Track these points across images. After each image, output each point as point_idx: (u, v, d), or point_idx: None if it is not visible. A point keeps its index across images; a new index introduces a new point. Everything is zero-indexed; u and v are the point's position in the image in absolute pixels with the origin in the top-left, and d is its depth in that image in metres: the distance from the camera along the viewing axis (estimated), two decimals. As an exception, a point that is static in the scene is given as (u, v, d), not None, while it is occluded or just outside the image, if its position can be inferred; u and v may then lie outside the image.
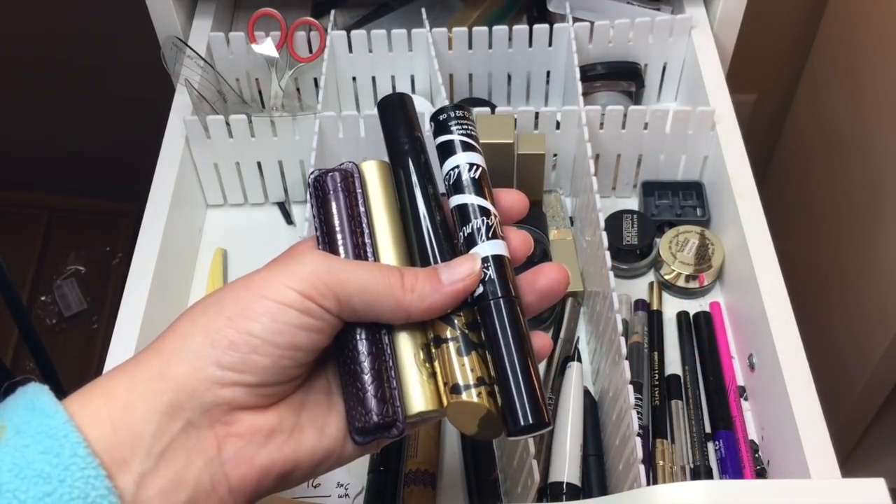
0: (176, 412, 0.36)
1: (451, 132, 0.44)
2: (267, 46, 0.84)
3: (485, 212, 0.42)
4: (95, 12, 1.30)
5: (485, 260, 0.41)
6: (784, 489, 0.54)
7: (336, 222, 0.41)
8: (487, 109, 0.78)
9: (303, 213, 0.75)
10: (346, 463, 0.41)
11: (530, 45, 0.86)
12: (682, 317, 0.76)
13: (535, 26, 0.85)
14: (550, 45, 0.86)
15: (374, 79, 0.89)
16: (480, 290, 0.40)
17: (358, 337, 0.40)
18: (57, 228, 1.59)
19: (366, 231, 0.42)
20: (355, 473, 0.68)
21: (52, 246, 1.57)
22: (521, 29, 0.85)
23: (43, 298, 1.50)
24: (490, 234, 0.42)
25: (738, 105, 0.81)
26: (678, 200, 0.82)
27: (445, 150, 0.44)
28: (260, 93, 0.89)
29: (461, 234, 0.42)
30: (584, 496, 0.64)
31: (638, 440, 0.57)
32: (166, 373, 0.37)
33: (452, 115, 0.44)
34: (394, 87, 0.90)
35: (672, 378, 0.72)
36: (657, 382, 0.71)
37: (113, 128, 1.46)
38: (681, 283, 0.77)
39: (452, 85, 0.89)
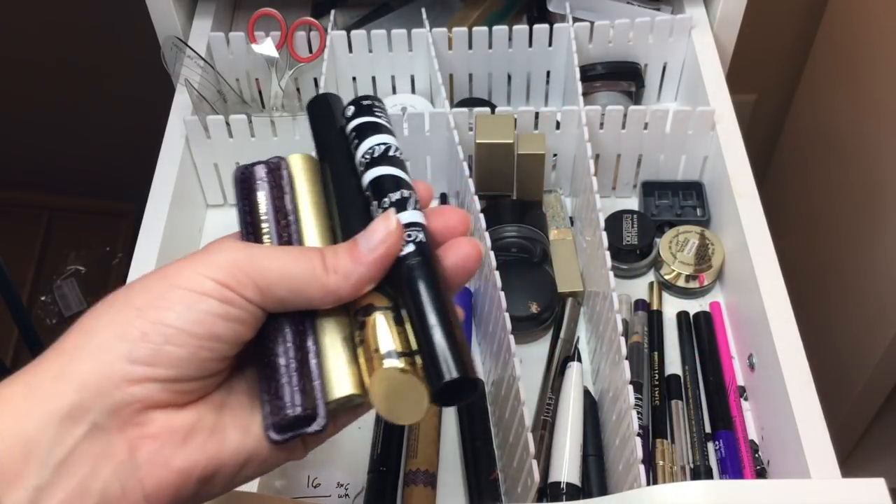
0: (79, 415, 0.32)
1: (377, 116, 0.44)
2: (267, 46, 0.84)
3: (406, 185, 0.41)
4: (95, 12, 1.30)
5: (412, 225, 0.38)
6: (784, 489, 0.54)
7: (261, 214, 0.40)
8: (487, 109, 0.78)
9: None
10: (271, 469, 0.38)
11: (530, 45, 0.86)
12: (682, 317, 0.76)
13: (535, 26, 0.85)
14: (550, 45, 0.86)
15: (374, 79, 0.89)
16: (408, 249, 0.38)
17: (277, 325, 0.37)
18: (57, 228, 1.59)
19: (292, 223, 0.40)
20: (355, 473, 0.68)
21: (52, 246, 1.58)
22: (521, 29, 0.85)
23: (43, 298, 1.50)
24: (415, 206, 0.40)
25: (738, 105, 0.81)
26: (678, 200, 0.82)
27: (371, 130, 0.43)
28: (260, 93, 0.89)
29: (385, 200, 0.40)
30: (584, 496, 0.64)
31: (638, 440, 0.57)
32: (68, 371, 0.33)
33: (377, 103, 0.44)
34: (394, 88, 0.90)
35: (672, 378, 0.72)
36: (657, 382, 0.71)
37: (113, 128, 1.46)
38: (681, 283, 0.77)
39: (452, 85, 0.89)
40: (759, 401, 0.69)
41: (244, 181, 0.41)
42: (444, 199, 0.85)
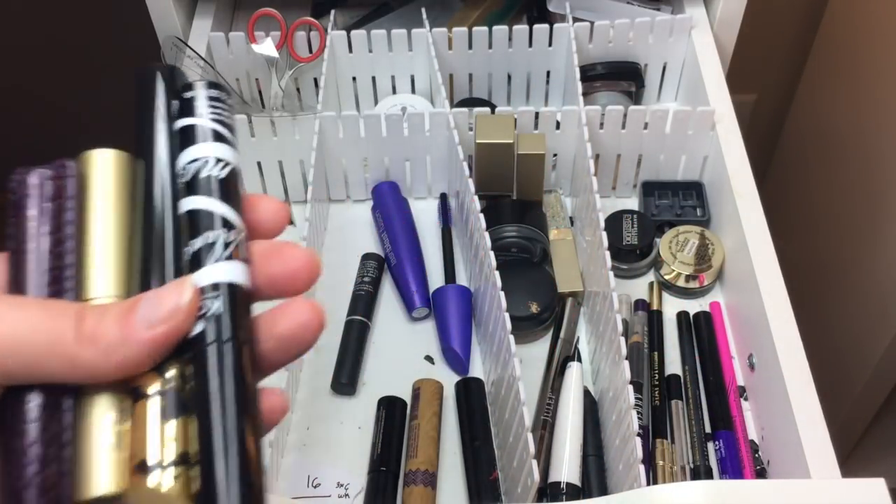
0: None
1: (197, 115, 0.32)
2: (267, 46, 0.84)
3: (226, 223, 0.30)
4: (95, 12, 1.30)
5: (212, 288, 0.28)
6: (784, 489, 0.54)
7: (29, 235, 0.29)
8: (487, 109, 0.78)
9: (303, 213, 0.75)
10: None
11: (530, 45, 0.86)
12: (682, 317, 0.76)
13: (535, 26, 0.85)
14: (550, 45, 0.86)
15: (374, 79, 0.89)
16: (200, 328, 0.28)
17: (20, 400, 0.27)
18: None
19: (67, 251, 0.29)
20: (355, 473, 0.68)
21: (52, 246, 1.57)
22: (521, 29, 0.85)
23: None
24: (227, 255, 0.29)
25: (738, 105, 0.81)
26: (678, 200, 0.82)
27: (187, 138, 0.32)
28: (260, 93, 0.89)
29: (188, 250, 0.30)
30: (584, 496, 0.64)
31: (638, 440, 0.57)
32: None
33: (204, 93, 0.33)
34: (394, 88, 0.90)
35: (672, 378, 0.72)
36: (657, 382, 0.71)
37: (113, 128, 1.46)
38: (681, 283, 0.77)
39: (452, 85, 0.89)
40: (759, 401, 0.69)
41: (13, 192, 0.30)
42: (444, 199, 0.85)
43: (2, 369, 0.26)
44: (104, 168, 0.32)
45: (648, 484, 0.63)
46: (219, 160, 0.31)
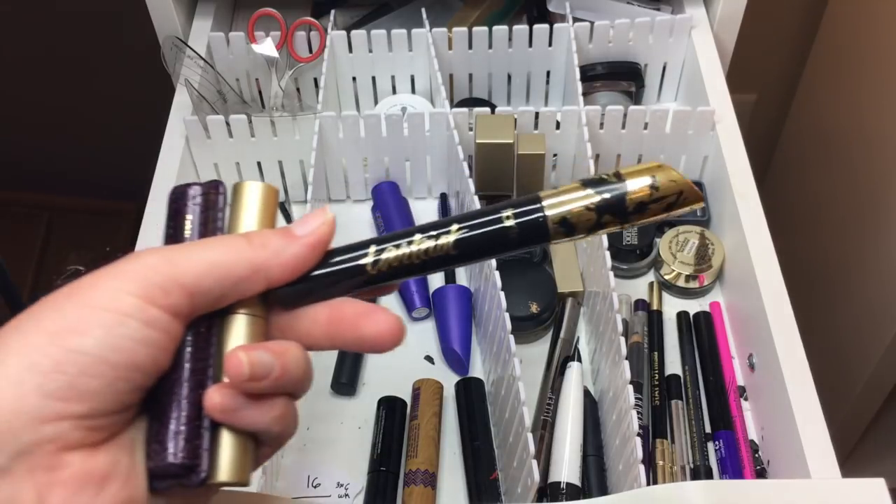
0: None
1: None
2: (267, 46, 0.84)
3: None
4: (95, 12, 1.30)
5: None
6: (784, 489, 0.54)
7: (186, 237, 0.36)
8: (487, 109, 0.78)
9: (303, 213, 0.75)
10: None
11: (530, 45, 0.86)
12: (682, 317, 0.76)
13: (535, 26, 0.85)
14: (550, 45, 0.86)
15: (374, 79, 0.89)
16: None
17: (178, 361, 0.34)
18: (57, 228, 1.59)
19: None
20: (355, 473, 0.68)
21: (52, 246, 1.58)
22: (521, 29, 0.85)
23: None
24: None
25: (738, 105, 0.81)
26: (678, 200, 0.82)
27: None
28: (260, 93, 0.89)
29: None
30: (584, 496, 0.64)
31: (638, 440, 0.57)
32: None
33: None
34: (394, 88, 0.90)
35: (672, 378, 0.72)
36: (657, 382, 0.71)
37: (113, 128, 1.46)
38: (681, 283, 0.77)
39: (452, 85, 0.89)
40: (759, 401, 0.69)
41: (174, 202, 0.37)
42: (444, 199, 0.85)
43: (203, 289, 0.33)
44: (254, 193, 0.37)
45: (648, 484, 0.63)
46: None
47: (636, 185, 0.36)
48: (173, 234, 0.36)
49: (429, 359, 0.75)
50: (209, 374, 0.34)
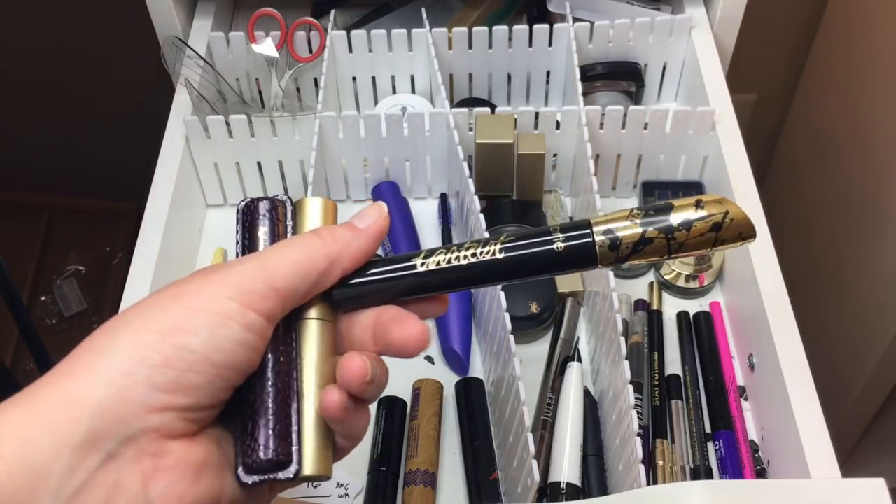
0: (94, 444, 0.31)
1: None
2: (267, 46, 0.84)
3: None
4: (95, 13, 1.30)
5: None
6: (784, 489, 0.54)
7: (261, 246, 0.40)
8: (487, 109, 0.78)
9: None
10: None
11: (530, 45, 0.86)
12: (682, 317, 0.76)
13: (535, 26, 0.85)
14: (550, 45, 0.86)
15: (374, 79, 0.89)
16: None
17: (263, 363, 0.36)
18: (57, 228, 1.59)
19: None
20: (355, 473, 0.68)
21: (52, 246, 1.58)
22: (521, 29, 0.85)
23: (43, 298, 1.50)
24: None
25: (738, 105, 0.81)
26: (678, 200, 0.82)
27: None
28: (260, 93, 0.89)
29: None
30: (584, 496, 0.64)
31: (638, 440, 0.57)
32: (82, 396, 0.31)
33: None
34: (394, 88, 0.90)
35: (672, 378, 0.72)
36: (657, 382, 0.71)
37: (113, 128, 1.46)
38: (681, 283, 0.77)
39: (452, 85, 0.89)
40: (759, 401, 0.69)
41: (247, 214, 0.40)
42: (444, 199, 0.85)
43: (293, 287, 0.36)
44: (316, 208, 0.41)
45: (648, 484, 0.63)
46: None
47: (681, 204, 0.37)
48: (249, 244, 0.40)
49: (429, 359, 0.75)
50: (294, 376, 0.37)
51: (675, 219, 0.36)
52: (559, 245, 0.37)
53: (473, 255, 0.38)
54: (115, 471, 0.31)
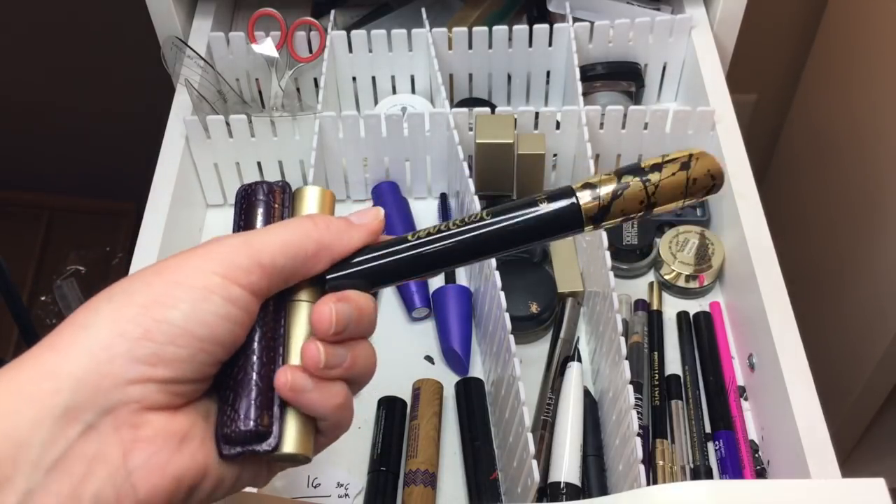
0: (74, 415, 0.31)
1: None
2: (267, 46, 0.84)
3: None
4: (95, 12, 1.30)
5: None
6: (784, 489, 0.54)
7: (257, 226, 0.40)
8: (487, 109, 0.78)
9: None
10: (238, 489, 0.37)
11: (530, 45, 0.86)
12: (682, 317, 0.76)
13: (535, 26, 0.85)
14: (550, 45, 0.86)
15: (374, 79, 0.89)
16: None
17: (250, 337, 0.37)
18: (57, 228, 1.59)
19: None
20: (355, 473, 0.68)
21: (52, 246, 1.58)
22: (521, 29, 0.85)
23: (43, 298, 1.50)
24: None
25: (738, 105, 0.81)
26: (678, 200, 0.82)
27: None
28: (260, 93, 0.89)
29: None
30: (584, 496, 0.64)
31: (638, 440, 0.57)
32: (62, 369, 0.31)
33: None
34: (394, 88, 0.90)
35: (672, 378, 0.72)
36: (657, 382, 0.71)
37: (113, 128, 1.46)
38: (681, 283, 0.77)
39: (452, 85, 0.89)
40: (759, 401, 0.69)
41: (244, 197, 0.41)
42: (444, 199, 0.85)
43: (278, 267, 0.36)
44: (314, 197, 0.42)
45: (648, 484, 0.63)
46: None
47: (649, 159, 0.40)
48: (245, 225, 0.40)
49: (429, 359, 0.75)
50: (279, 352, 0.38)
51: (646, 165, 0.40)
52: (543, 202, 0.39)
53: (462, 221, 0.39)
54: (95, 441, 0.31)
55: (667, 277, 0.77)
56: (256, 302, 0.36)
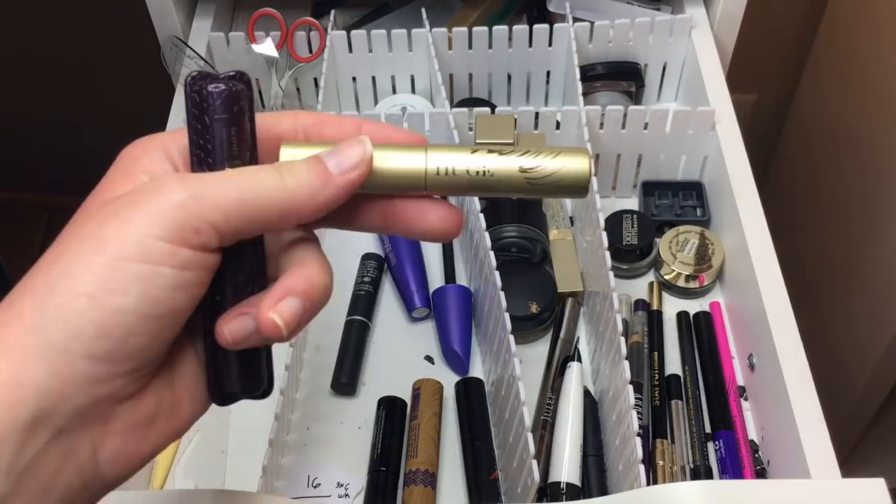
0: (41, 423, 0.30)
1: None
2: (267, 46, 0.84)
3: None
4: (95, 12, 1.30)
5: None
6: (784, 489, 0.54)
7: (218, 161, 0.33)
8: (487, 109, 0.78)
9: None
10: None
11: (530, 45, 0.86)
12: (682, 317, 0.76)
13: (535, 26, 0.85)
14: (550, 45, 0.86)
15: (374, 79, 0.89)
16: None
17: (218, 282, 0.33)
18: (57, 228, 1.58)
19: (245, 143, 0.34)
20: (355, 473, 0.68)
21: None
22: (521, 29, 0.85)
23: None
24: None
25: (738, 105, 0.81)
26: (678, 200, 0.82)
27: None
28: (260, 93, 0.89)
29: None
30: (584, 496, 0.64)
31: (638, 440, 0.57)
32: (22, 379, 0.29)
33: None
34: (394, 88, 0.90)
35: (672, 378, 0.72)
36: (657, 382, 0.71)
37: (113, 128, 1.46)
38: (681, 283, 0.77)
39: (452, 85, 0.89)
40: (759, 401, 0.69)
41: (197, 103, 0.33)
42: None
43: (234, 228, 0.31)
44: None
45: (648, 484, 0.63)
46: None
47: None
48: (203, 152, 0.33)
49: (429, 359, 0.75)
50: (255, 290, 0.34)
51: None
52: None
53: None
54: (66, 442, 0.31)
55: (667, 277, 0.77)
56: (212, 255, 0.32)
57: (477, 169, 0.35)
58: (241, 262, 0.34)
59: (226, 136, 0.33)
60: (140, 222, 0.30)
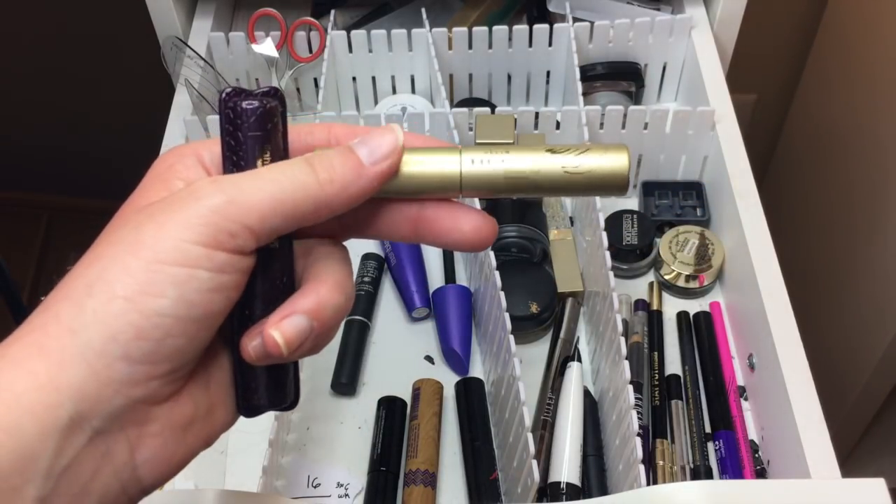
0: (79, 425, 0.30)
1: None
2: (267, 46, 0.84)
3: None
4: (95, 12, 1.30)
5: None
6: (784, 489, 0.54)
7: (248, 159, 0.34)
8: (487, 109, 0.78)
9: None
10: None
11: (530, 45, 0.86)
12: (682, 317, 0.76)
13: (535, 26, 0.85)
14: (550, 45, 0.86)
15: (374, 79, 0.89)
16: None
17: (253, 287, 0.33)
18: (57, 228, 1.59)
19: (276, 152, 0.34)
20: (355, 473, 0.68)
21: (52, 246, 1.58)
22: (521, 29, 0.85)
23: (43, 298, 1.50)
24: None
25: (738, 105, 0.81)
26: (678, 200, 0.82)
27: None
28: (260, 93, 0.89)
29: None
30: (584, 496, 0.64)
31: (638, 440, 0.57)
32: (60, 381, 0.30)
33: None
34: (394, 88, 0.90)
35: (672, 378, 0.72)
36: (657, 382, 0.71)
37: (113, 128, 1.46)
38: (681, 283, 0.77)
39: (452, 85, 0.89)
40: (759, 401, 0.69)
41: (232, 119, 0.34)
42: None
43: (270, 228, 0.32)
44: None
45: (648, 484, 0.63)
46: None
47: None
48: (234, 158, 0.34)
49: (429, 359, 0.75)
50: (288, 290, 0.34)
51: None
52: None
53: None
54: (104, 444, 0.31)
55: (667, 277, 0.77)
56: (247, 257, 0.32)
57: (516, 169, 0.34)
58: (270, 273, 0.34)
59: (259, 152, 0.33)
60: (176, 227, 0.31)
